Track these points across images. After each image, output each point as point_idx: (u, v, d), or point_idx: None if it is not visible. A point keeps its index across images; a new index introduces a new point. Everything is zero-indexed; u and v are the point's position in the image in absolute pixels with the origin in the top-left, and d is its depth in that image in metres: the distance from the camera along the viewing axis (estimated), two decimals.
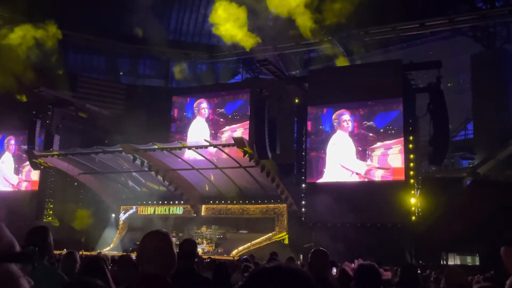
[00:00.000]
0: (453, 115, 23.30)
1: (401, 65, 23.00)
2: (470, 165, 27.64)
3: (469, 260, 22.12)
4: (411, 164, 21.68)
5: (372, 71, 23.40)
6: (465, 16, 28.03)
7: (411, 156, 21.74)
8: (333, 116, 23.88)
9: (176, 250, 2.99)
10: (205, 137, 26.64)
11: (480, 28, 28.28)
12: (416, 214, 21.35)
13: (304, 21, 26.51)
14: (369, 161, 22.84)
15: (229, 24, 26.83)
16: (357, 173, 22.90)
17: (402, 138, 22.15)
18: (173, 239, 2.91)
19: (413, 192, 21.38)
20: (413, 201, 21.30)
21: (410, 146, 21.83)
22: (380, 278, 4.17)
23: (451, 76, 28.92)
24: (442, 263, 20.12)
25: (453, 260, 20.87)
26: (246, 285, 1.23)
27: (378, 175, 22.56)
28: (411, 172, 21.55)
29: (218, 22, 27.18)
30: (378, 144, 22.75)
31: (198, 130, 30.49)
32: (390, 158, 22.40)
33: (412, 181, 21.44)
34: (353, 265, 5.24)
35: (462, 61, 29.22)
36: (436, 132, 20.37)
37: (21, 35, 28.22)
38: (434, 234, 19.89)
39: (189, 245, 4.44)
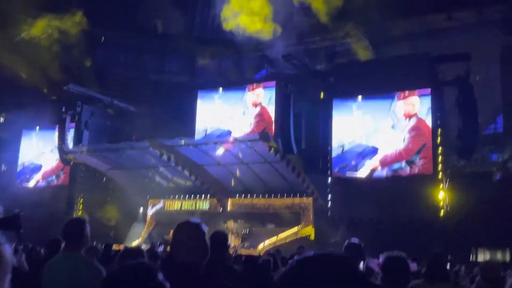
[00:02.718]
0: (482, 109, 22.80)
1: (429, 57, 22.64)
2: (500, 160, 27.03)
3: (499, 255, 21.69)
4: (439, 158, 21.36)
5: (398, 64, 23.12)
6: (495, 7, 27.33)
7: (439, 150, 21.42)
8: (353, 108, 23.92)
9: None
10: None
11: (511, 20, 27.52)
12: (445, 209, 21.05)
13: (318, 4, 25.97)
14: None
15: (241, 17, 26.33)
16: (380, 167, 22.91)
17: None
18: (206, 228, 2.98)
19: (441, 186, 21.07)
20: (442, 195, 21.00)
21: (438, 140, 21.51)
22: (408, 270, 4.05)
23: (480, 68, 28.25)
24: (471, 258, 19.79)
25: (483, 256, 20.48)
26: (292, 271, 1.23)
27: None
28: (439, 166, 21.23)
29: (230, 16, 26.84)
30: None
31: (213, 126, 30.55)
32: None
33: (440, 175, 21.13)
34: (377, 260, 5.22)
35: (491, 53, 28.48)
36: (465, 125, 20.03)
37: (43, 26, 28.26)
38: (463, 229, 19.56)
39: (219, 237, 4.52)
